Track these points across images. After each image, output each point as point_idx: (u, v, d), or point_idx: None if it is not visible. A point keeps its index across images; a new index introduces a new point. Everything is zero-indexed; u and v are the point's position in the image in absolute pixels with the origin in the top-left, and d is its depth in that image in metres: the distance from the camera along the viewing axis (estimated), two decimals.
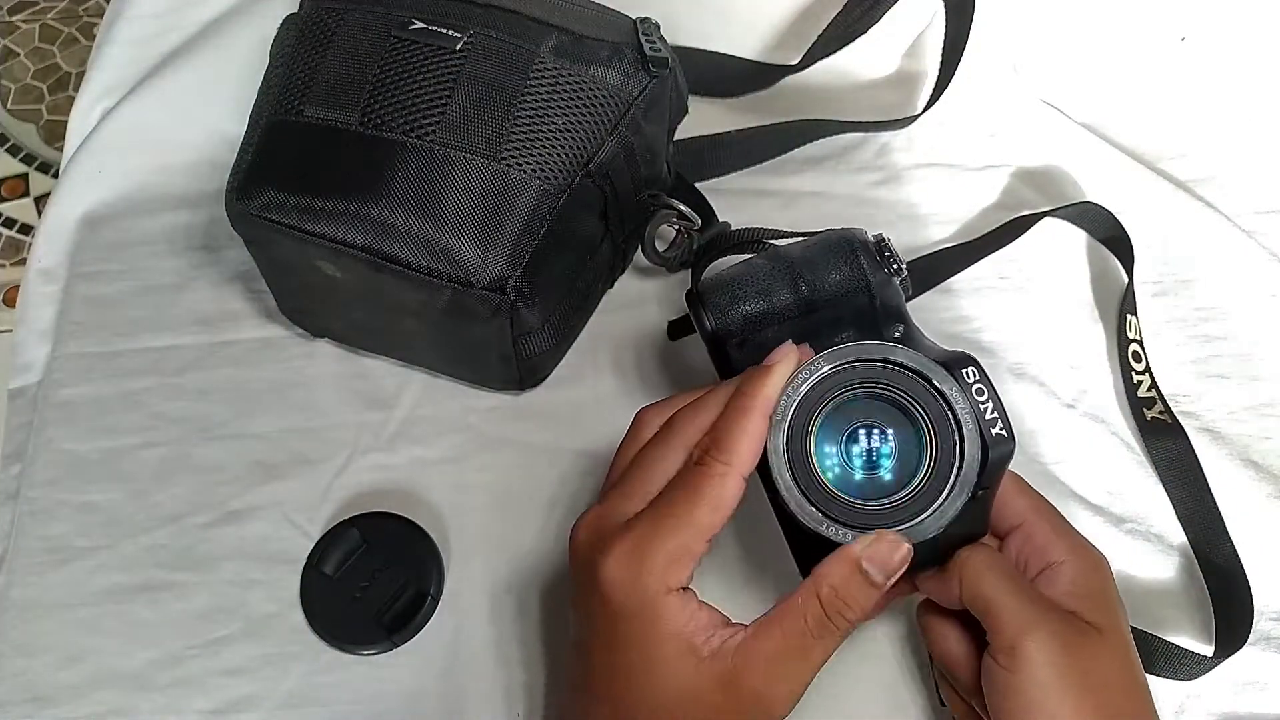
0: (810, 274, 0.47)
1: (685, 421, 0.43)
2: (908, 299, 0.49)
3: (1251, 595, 0.52)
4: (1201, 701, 0.51)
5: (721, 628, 0.41)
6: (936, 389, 0.41)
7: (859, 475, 0.42)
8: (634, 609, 0.41)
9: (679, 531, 0.40)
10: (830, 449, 0.42)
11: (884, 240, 0.48)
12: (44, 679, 0.53)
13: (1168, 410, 0.57)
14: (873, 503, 0.41)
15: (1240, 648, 0.51)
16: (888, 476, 0.42)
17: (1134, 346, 0.59)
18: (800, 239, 0.50)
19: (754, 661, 0.40)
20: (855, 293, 0.47)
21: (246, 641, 0.54)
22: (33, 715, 0.52)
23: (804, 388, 0.41)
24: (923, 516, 0.41)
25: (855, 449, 0.42)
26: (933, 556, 0.43)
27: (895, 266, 0.47)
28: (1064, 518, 0.46)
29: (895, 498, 0.41)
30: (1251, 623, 0.51)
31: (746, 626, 0.41)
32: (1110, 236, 0.62)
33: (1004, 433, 0.41)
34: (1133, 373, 0.58)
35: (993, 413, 0.41)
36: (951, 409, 0.40)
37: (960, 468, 0.41)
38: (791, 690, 0.40)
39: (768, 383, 0.42)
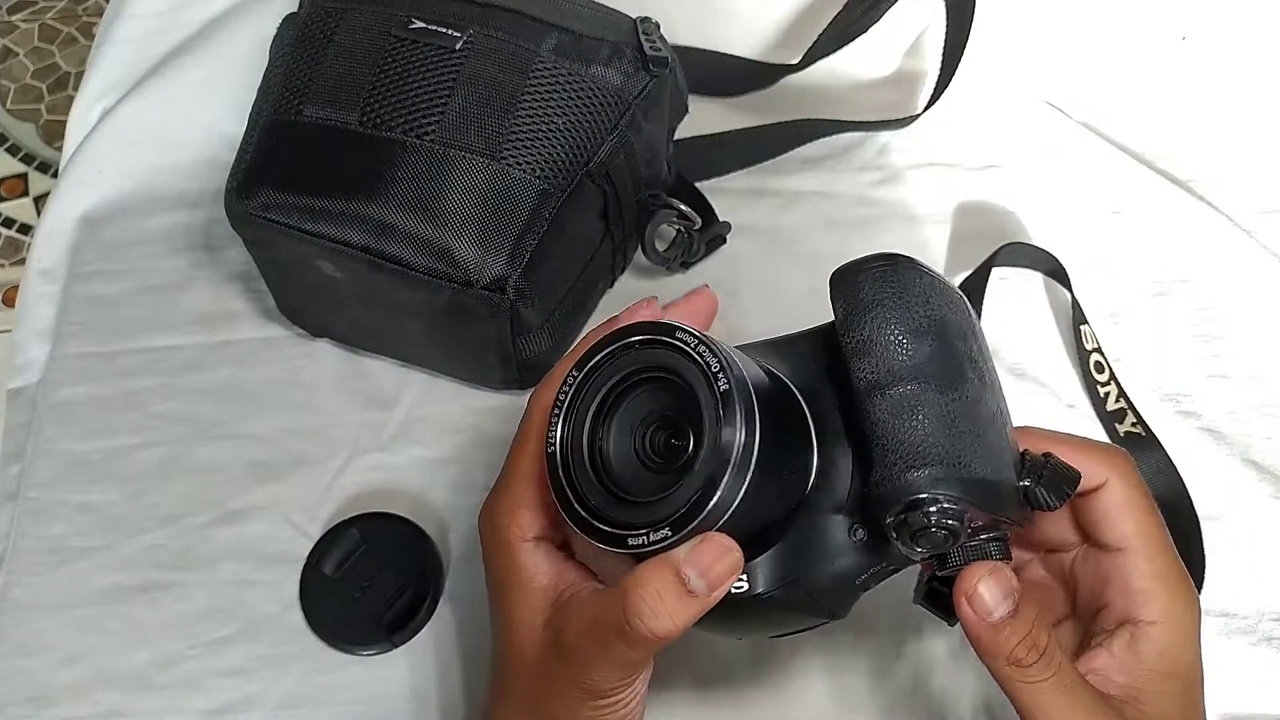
0: None
1: None
2: None
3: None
4: None
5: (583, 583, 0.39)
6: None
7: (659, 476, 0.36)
8: (491, 561, 0.41)
9: (506, 478, 0.41)
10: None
11: None
12: (44, 679, 0.53)
13: (1140, 422, 0.56)
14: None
15: None
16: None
17: (1095, 357, 0.58)
18: None
19: (574, 627, 0.37)
20: None
21: (246, 642, 0.54)
22: (32, 715, 0.52)
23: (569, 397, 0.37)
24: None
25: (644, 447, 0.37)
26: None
27: None
28: (1174, 556, 0.40)
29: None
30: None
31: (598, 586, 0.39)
32: (1050, 270, 0.61)
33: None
34: (1097, 385, 0.58)
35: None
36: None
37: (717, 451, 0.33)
38: (606, 676, 0.37)
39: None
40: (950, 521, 0.35)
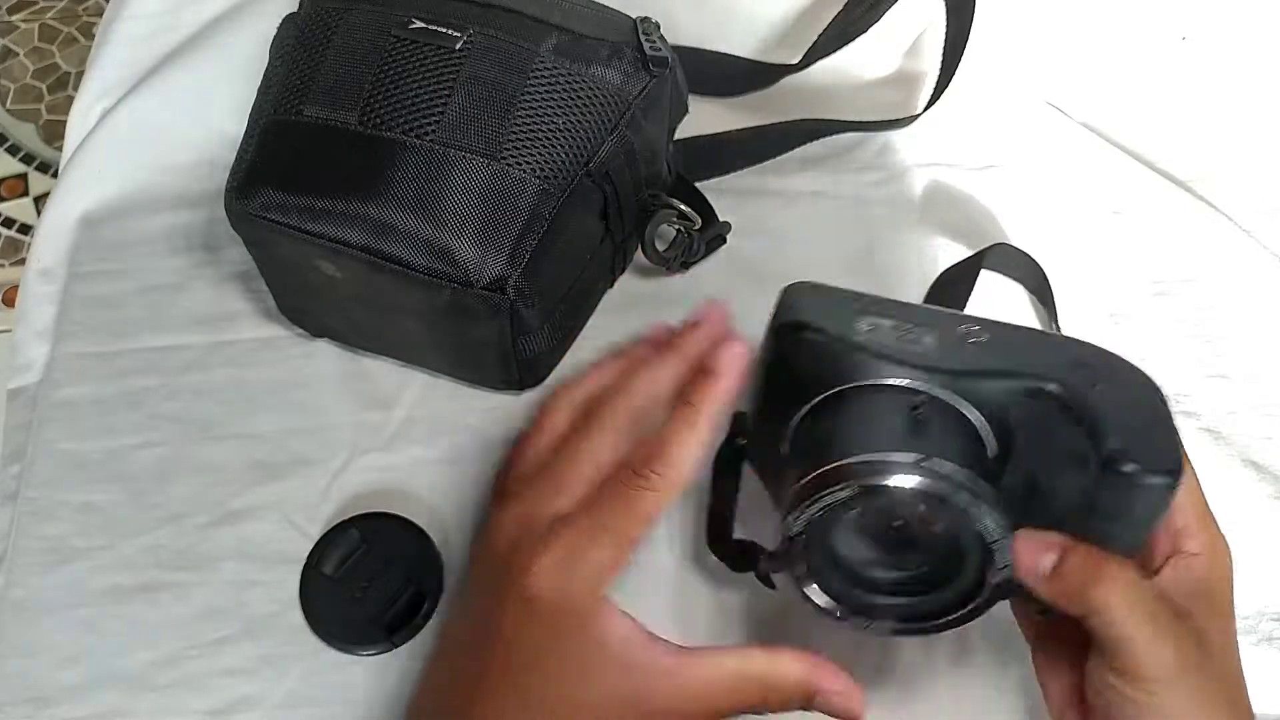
0: None
1: (612, 407, 0.43)
2: None
3: None
4: None
5: (649, 641, 0.41)
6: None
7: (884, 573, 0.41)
8: (563, 614, 0.41)
9: (612, 545, 0.40)
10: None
11: None
12: (44, 679, 0.53)
13: None
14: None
15: None
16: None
17: None
18: None
19: (686, 686, 0.41)
20: None
21: (246, 642, 0.54)
22: (32, 715, 0.52)
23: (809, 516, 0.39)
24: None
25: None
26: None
27: None
28: (1204, 499, 0.43)
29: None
30: None
31: (672, 644, 0.41)
32: (1032, 285, 0.61)
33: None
34: None
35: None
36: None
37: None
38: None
39: (716, 393, 0.41)
40: None
